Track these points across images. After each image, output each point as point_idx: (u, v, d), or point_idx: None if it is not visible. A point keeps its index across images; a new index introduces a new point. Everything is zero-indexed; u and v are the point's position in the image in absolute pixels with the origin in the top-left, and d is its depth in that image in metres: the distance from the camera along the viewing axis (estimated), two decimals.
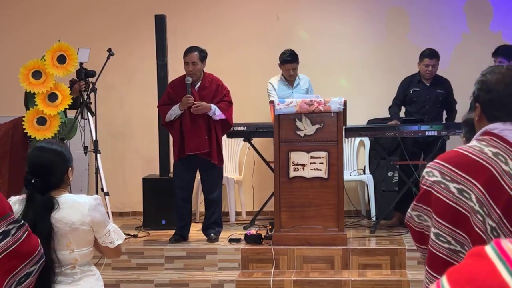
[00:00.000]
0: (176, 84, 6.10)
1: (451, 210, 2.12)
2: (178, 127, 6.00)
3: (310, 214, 5.77)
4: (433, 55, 6.60)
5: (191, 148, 5.93)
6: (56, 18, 7.78)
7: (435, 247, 2.15)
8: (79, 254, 3.07)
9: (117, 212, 7.51)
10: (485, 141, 2.18)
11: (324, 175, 5.76)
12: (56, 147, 3.15)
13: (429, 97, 6.72)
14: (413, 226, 2.29)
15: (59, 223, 3.01)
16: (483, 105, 2.24)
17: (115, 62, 6.68)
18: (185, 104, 5.91)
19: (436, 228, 2.15)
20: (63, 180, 3.11)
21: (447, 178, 2.14)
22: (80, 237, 3.06)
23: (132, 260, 5.84)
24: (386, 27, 7.61)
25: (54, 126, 6.10)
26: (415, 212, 2.26)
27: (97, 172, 6.30)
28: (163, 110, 6.07)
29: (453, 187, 2.13)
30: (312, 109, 5.78)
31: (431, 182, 2.17)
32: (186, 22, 7.70)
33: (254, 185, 7.43)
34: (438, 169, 2.17)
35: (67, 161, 3.13)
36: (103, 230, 3.11)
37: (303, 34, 7.61)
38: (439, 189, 2.15)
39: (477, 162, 2.14)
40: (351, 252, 5.67)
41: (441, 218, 2.13)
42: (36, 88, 6.08)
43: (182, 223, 6.15)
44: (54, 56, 6.11)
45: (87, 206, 3.05)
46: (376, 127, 6.64)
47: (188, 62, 5.99)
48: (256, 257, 5.75)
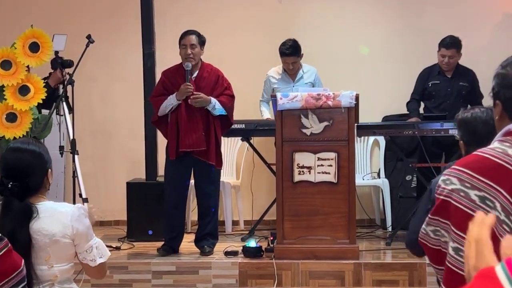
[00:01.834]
0: (172, 73, 6.10)
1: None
2: (174, 120, 5.97)
3: (317, 223, 5.75)
4: (451, 44, 6.64)
5: (187, 144, 5.91)
6: (28, 1, 7.77)
7: (454, 264, 2.13)
8: (59, 270, 3.05)
9: (97, 221, 7.46)
10: (508, 142, 2.17)
11: (333, 179, 5.75)
12: (34, 147, 3.13)
13: (450, 90, 6.73)
14: (429, 244, 2.27)
15: (37, 234, 2.98)
16: (505, 103, 2.22)
17: (95, 50, 6.66)
18: (184, 93, 5.90)
19: (456, 242, 2.13)
20: (42, 184, 3.10)
21: (467, 185, 2.12)
22: (61, 251, 3.04)
23: (115, 275, 5.83)
24: (403, 10, 7.60)
25: (25, 123, 6.08)
26: (430, 227, 2.24)
27: (75, 175, 6.28)
28: (157, 102, 6.02)
29: (474, 195, 2.11)
30: (319, 104, 5.76)
31: (448, 191, 2.16)
32: (176, 5, 7.69)
33: (253, 190, 7.43)
34: (456, 175, 2.16)
35: (46, 163, 3.12)
36: (85, 245, 3.09)
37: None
38: (458, 198, 2.13)
39: (501, 166, 2.12)
40: (364, 267, 5.66)
41: (461, 230, 2.12)
42: (5, 80, 6.07)
43: (172, 233, 6.13)
44: (26, 43, 6.09)
45: (69, 216, 3.03)
46: (393, 124, 6.63)
47: (186, 44, 5.99)
48: (255, 273, 5.74)
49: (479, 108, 3.25)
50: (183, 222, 6.28)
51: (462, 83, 6.76)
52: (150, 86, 6.76)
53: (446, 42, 6.66)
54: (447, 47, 6.64)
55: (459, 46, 6.66)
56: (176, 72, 6.06)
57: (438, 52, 6.71)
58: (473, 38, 7.38)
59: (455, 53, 6.66)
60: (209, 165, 5.97)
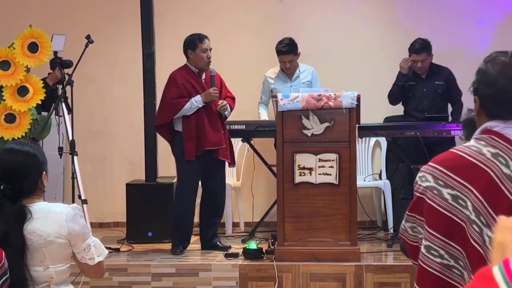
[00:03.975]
0: (185, 75, 6.16)
1: (445, 220, 2.12)
2: (194, 121, 6.07)
3: (318, 225, 5.74)
4: (421, 49, 6.73)
5: (213, 142, 6.07)
6: (27, 0, 7.76)
7: (425, 262, 2.15)
8: (55, 271, 3.05)
9: (96, 223, 7.51)
10: (483, 140, 2.17)
11: (335, 181, 5.74)
12: (29, 148, 3.13)
13: (426, 90, 6.82)
14: (408, 240, 2.29)
15: (32, 235, 2.99)
16: (482, 100, 2.23)
17: (94, 50, 6.66)
18: (211, 97, 6.06)
19: (428, 240, 2.14)
20: (37, 187, 3.10)
21: (441, 183, 2.13)
22: (56, 252, 3.04)
23: (114, 277, 5.81)
24: (405, 11, 7.59)
25: (24, 124, 6.08)
26: (408, 223, 2.26)
27: (74, 176, 6.28)
28: (179, 104, 6.06)
29: (446, 194, 2.12)
30: (320, 105, 5.75)
31: (423, 188, 2.17)
32: (176, 5, 7.69)
33: (253, 192, 7.42)
34: (431, 172, 2.17)
35: (41, 165, 3.12)
36: (82, 244, 3.09)
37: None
38: (431, 196, 2.14)
39: (474, 164, 2.13)
40: (366, 269, 5.64)
41: (433, 229, 2.13)
42: (4, 81, 6.07)
43: (188, 233, 6.22)
44: (25, 43, 6.10)
45: (64, 216, 3.03)
46: (394, 125, 6.63)
47: (207, 48, 6.12)
48: (256, 275, 5.72)
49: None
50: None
51: (438, 82, 6.84)
52: (150, 87, 6.76)
53: (415, 48, 6.74)
54: (417, 52, 6.73)
55: (429, 49, 6.75)
56: (186, 74, 6.15)
57: (409, 57, 6.78)
58: (474, 38, 7.40)
59: (426, 56, 6.76)
60: (223, 163, 6.17)
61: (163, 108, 6.17)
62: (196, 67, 6.16)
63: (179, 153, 6.12)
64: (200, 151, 6.05)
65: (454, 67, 6.94)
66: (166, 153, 7.11)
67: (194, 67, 6.16)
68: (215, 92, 6.09)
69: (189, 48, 6.15)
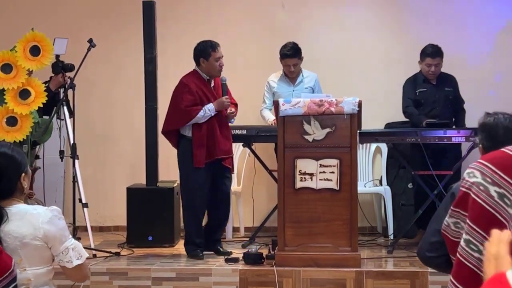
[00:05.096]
0: (196, 82, 6.15)
1: (488, 216, 2.12)
2: (206, 129, 6.08)
3: (318, 230, 5.74)
4: (436, 53, 6.77)
5: (224, 150, 6.12)
6: (29, 4, 7.77)
7: (463, 255, 2.16)
8: (33, 274, 3.02)
9: (97, 227, 7.49)
10: None
11: (335, 186, 5.74)
12: (6, 149, 3.10)
13: (438, 97, 6.83)
14: (450, 236, 2.30)
15: (8, 237, 2.96)
16: None
17: (96, 54, 6.67)
18: (224, 105, 6.11)
19: (468, 234, 2.15)
20: (16, 188, 3.06)
21: (488, 180, 2.14)
22: (33, 254, 3.01)
23: (114, 281, 5.81)
24: (407, 18, 7.60)
25: (26, 127, 6.08)
26: (452, 219, 2.27)
27: (75, 180, 6.28)
28: (193, 112, 6.05)
29: (493, 191, 2.13)
30: (322, 110, 5.76)
31: (470, 184, 2.19)
32: (178, 9, 7.69)
33: (254, 197, 7.42)
34: (480, 169, 2.19)
35: (19, 166, 3.08)
36: (60, 246, 3.06)
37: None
38: (477, 191, 2.16)
39: None
40: (366, 275, 5.64)
41: (475, 223, 2.14)
42: (6, 84, 6.07)
43: (201, 237, 6.24)
44: (27, 47, 6.10)
45: (40, 218, 3.01)
46: (395, 131, 6.63)
47: (219, 57, 6.13)
48: (256, 280, 5.72)
49: (502, 114, 3.22)
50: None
51: (448, 88, 6.88)
52: (151, 91, 6.75)
53: (430, 52, 6.77)
54: (432, 56, 6.76)
55: (442, 54, 6.80)
56: (198, 81, 6.14)
57: (421, 62, 6.82)
58: (477, 45, 7.42)
59: (440, 60, 6.79)
60: (229, 170, 6.25)
61: (176, 115, 6.12)
62: (207, 75, 6.15)
63: (187, 159, 6.09)
64: (210, 159, 6.06)
65: (455, 74, 6.97)
66: (167, 157, 7.12)
67: (205, 74, 6.15)
68: (227, 101, 6.12)
69: (202, 57, 6.11)
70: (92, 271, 5.69)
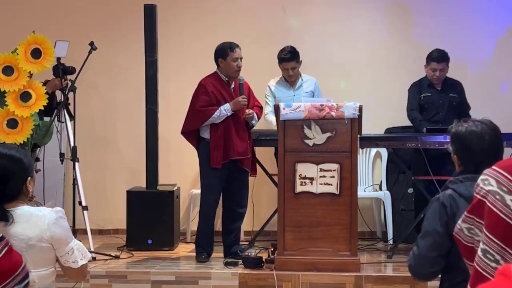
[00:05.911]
0: (214, 83, 6.18)
1: (504, 225, 2.12)
2: (222, 129, 6.11)
3: (318, 235, 5.74)
4: (442, 58, 6.78)
5: (239, 152, 6.11)
6: (31, 7, 7.78)
7: (481, 265, 2.16)
8: (38, 276, 3.01)
9: (96, 230, 7.50)
10: None
11: (335, 191, 5.74)
12: (14, 152, 3.07)
13: (442, 102, 6.83)
14: (463, 240, 2.30)
15: (13, 239, 2.94)
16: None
17: (97, 57, 6.67)
18: (240, 106, 6.11)
19: (485, 243, 2.15)
20: (21, 192, 3.05)
21: (504, 189, 2.14)
22: (38, 256, 3.01)
23: (114, 284, 5.81)
24: (409, 22, 7.61)
25: (26, 130, 6.09)
26: (465, 224, 2.27)
27: (75, 183, 6.28)
28: (208, 112, 6.08)
29: (509, 200, 2.13)
30: (322, 115, 5.76)
31: (485, 192, 2.18)
32: (180, 13, 7.70)
33: (254, 201, 7.40)
34: (495, 177, 2.18)
35: (26, 170, 3.06)
36: (65, 247, 3.07)
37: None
38: (493, 200, 2.15)
39: None
40: (365, 280, 5.64)
41: (492, 233, 2.13)
42: (7, 86, 6.08)
43: (211, 240, 6.25)
44: (28, 49, 6.11)
45: (46, 220, 3.01)
46: (395, 136, 6.62)
47: (237, 57, 6.15)
48: (256, 284, 5.72)
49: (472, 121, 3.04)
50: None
51: (452, 94, 6.88)
52: (152, 94, 6.76)
53: (435, 56, 6.78)
54: (438, 60, 6.76)
55: (448, 59, 6.81)
56: (216, 82, 6.16)
57: (427, 66, 6.83)
58: (478, 50, 7.43)
59: (445, 65, 6.80)
60: (246, 172, 6.23)
61: (192, 115, 6.17)
62: (226, 76, 6.17)
63: (205, 160, 6.13)
64: (227, 160, 6.08)
65: (458, 79, 6.97)
66: (167, 161, 7.14)
67: (224, 76, 6.18)
68: (244, 100, 6.12)
69: (220, 57, 6.16)
70: (91, 274, 5.69)
